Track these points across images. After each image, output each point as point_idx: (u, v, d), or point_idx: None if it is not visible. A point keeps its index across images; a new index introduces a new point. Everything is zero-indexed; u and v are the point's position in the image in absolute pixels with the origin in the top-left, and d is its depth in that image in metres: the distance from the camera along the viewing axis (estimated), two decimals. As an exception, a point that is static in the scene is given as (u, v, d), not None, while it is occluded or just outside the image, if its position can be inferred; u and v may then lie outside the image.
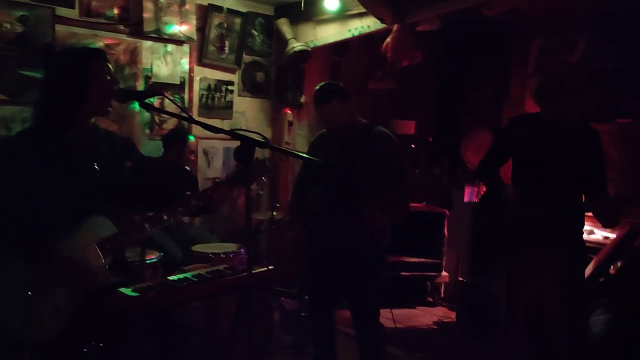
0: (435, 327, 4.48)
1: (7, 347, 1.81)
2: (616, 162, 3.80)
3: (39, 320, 1.79)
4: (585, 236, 3.97)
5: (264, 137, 1.85)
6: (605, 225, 2.79)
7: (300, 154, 2.14)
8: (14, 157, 1.89)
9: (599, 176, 2.75)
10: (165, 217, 2.01)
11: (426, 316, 4.69)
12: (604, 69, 3.84)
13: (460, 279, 4.68)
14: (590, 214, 2.77)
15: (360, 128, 2.82)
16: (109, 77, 1.95)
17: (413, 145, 5.10)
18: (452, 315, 4.58)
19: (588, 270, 3.54)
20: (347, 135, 2.77)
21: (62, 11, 3.94)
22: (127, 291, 2.00)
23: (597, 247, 3.87)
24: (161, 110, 3.47)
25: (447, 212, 4.88)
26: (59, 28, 3.92)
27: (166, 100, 4.31)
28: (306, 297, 3.11)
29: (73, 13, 3.99)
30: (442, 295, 5.06)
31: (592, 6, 4.02)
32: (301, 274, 2.99)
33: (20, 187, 1.84)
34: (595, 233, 4.09)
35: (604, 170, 2.77)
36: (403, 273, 4.75)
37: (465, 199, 4.80)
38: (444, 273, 4.93)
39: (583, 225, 2.88)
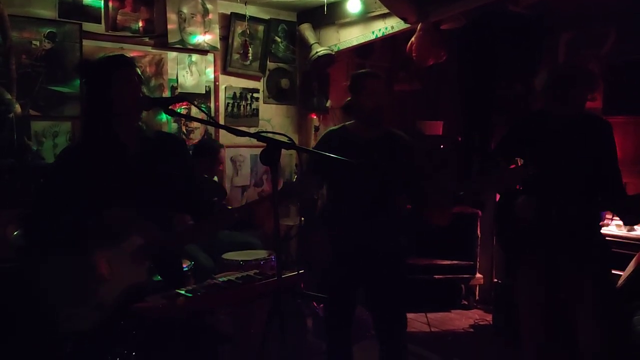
0: (472, 330, 4.38)
1: (54, 337, 1.98)
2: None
3: (80, 314, 1.91)
4: (624, 232, 3.90)
5: (290, 138, 1.82)
6: (627, 223, 2.70)
7: (328, 154, 2.10)
8: (65, 166, 2.02)
9: (612, 170, 2.66)
10: (208, 227, 2.17)
11: (462, 319, 4.59)
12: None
13: (496, 280, 4.58)
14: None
15: (382, 129, 2.81)
16: (130, 84, 1.98)
17: (442, 146, 5.03)
18: (489, 317, 4.47)
19: (630, 268, 3.42)
20: (369, 136, 2.76)
21: (88, 26, 4.00)
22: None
23: (638, 243, 3.75)
24: (186, 116, 3.45)
25: (480, 212, 4.78)
26: (86, 43, 3.99)
27: (192, 110, 4.38)
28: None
29: (99, 28, 4.06)
30: (477, 297, 4.95)
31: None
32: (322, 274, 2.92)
33: (72, 193, 1.96)
34: (636, 229, 3.95)
35: (617, 163, 2.68)
36: (436, 276, 4.68)
37: (498, 199, 4.69)
38: (478, 275, 4.83)
39: (599, 220, 2.82)
